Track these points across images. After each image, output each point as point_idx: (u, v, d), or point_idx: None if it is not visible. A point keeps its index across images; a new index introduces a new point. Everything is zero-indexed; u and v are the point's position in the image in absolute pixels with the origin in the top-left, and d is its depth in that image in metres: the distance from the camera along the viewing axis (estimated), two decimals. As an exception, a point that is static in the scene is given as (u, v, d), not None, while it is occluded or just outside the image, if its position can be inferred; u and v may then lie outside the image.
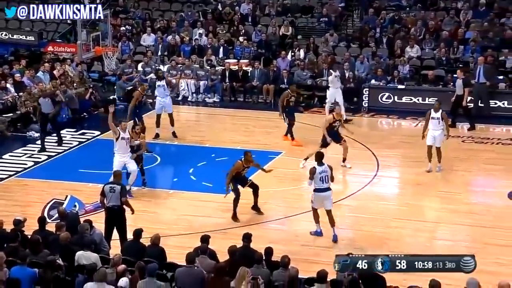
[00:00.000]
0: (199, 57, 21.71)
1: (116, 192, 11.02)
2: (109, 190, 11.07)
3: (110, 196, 11.05)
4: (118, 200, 11.03)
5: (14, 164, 15.45)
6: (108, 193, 11.06)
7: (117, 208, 11.05)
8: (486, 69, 18.77)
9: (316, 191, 11.84)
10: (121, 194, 11.02)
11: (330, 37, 22.15)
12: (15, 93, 18.34)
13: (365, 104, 20.02)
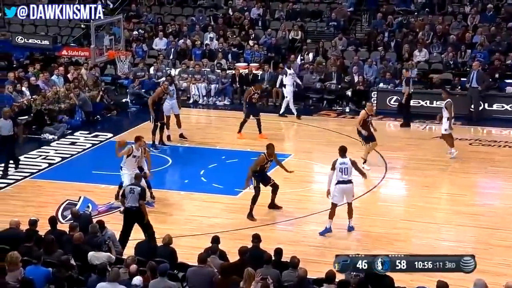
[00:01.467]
0: (210, 61, 21.80)
1: (135, 194, 11.18)
2: (129, 191, 11.25)
3: (130, 196, 11.23)
4: (136, 201, 11.18)
5: (28, 166, 15.57)
6: (128, 194, 11.25)
7: (135, 209, 11.20)
8: (479, 75, 18.98)
9: (338, 183, 12.02)
10: (140, 196, 11.16)
11: (339, 41, 22.17)
12: (30, 96, 18.47)
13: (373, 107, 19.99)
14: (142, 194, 11.21)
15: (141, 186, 11.39)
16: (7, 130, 14.75)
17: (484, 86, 19.13)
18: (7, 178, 14.81)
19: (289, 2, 24.33)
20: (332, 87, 20.62)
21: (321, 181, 14.92)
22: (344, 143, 17.26)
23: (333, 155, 16.36)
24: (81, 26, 22.20)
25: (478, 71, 19.02)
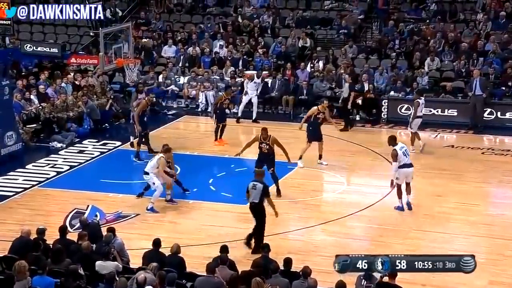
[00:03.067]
0: (219, 68, 21.84)
1: (257, 190, 11.61)
2: (252, 187, 11.66)
3: (252, 192, 11.64)
4: (257, 197, 11.60)
5: (37, 174, 15.62)
6: (251, 190, 11.67)
7: (255, 204, 11.63)
8: (482, 82, 19.05)
9: (403, 167, 13.34)
10: (263, 193, 11.63)
11: (349, 48, 22.17)
12: (39, 104, 18.55)
13: (384, 115, 20.01)
14: (265, 191, 11.70)
15: (263, 183, 11.78)
16: None
17: (488, 93, 19.16)
18: (16, 187, 14.86)
19: (299, 9, 24.37)
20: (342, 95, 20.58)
21: (331, 190, 14.93)
22: (355, 151, 17.40)
23: (342, 163, 16.41)
24: (90, 33, 22.30)
25: (480, 78, 19.14)
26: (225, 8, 25.09)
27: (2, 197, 14.31)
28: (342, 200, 14.14)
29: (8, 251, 10.11)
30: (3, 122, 16.16)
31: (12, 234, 10.44)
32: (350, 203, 13.96)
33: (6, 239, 10.39)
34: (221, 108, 17.40)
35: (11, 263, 9.03)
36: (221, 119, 17.46)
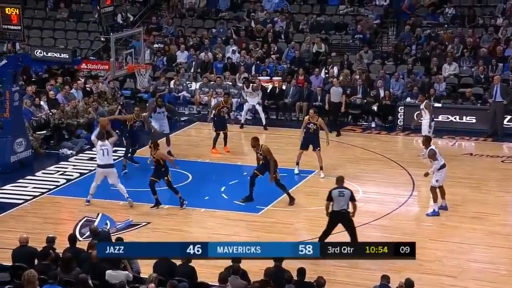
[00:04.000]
0: (232, 74, 21.89)
1: (345, 196, 11.85)
2: (338, 195, 11.84)
3: (340, 200, 11.80)
4: (347, 204, 11.84)
5: (46, 182, 15.71)
6: (338, 197, 11.81)
7: (344, 211, 11.87)
8: (503, 88, 19.04)
9: (443, 167, 13.66)
10: (351, 198, 11.91)
11: (365, 54, 22.15)
12: (49, 111, 18.67)
13: (400, 122, 19.94)
14: (353, 196, 11.99)
15: (349, 188, 12.11)
16: None
17: (509, 99, 19.11)
18: (25, 195, 14.95)
19: (313, 14, 24.39)
20: (357, 102, 20.58)
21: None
22: (370, 159, 17.35)
23: (358, 171, 16.38)
24: (100, 39, 22.44)
25: (501, 85, 19.09)
26: (238, 12, 25.16)
27: (11, 205, 14.40)
28: (357, 209, 14.07)
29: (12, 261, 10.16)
30: (13, 129, 16.29)
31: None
32: (366, 212, 13.89)
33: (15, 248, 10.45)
34: (219, 115, 17.35)
35: (19, 272, 9.07)
36: (220, 127, 17.39)
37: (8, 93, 16.04)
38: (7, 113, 16.15)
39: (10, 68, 16.09)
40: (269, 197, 14.57)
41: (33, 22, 25.22)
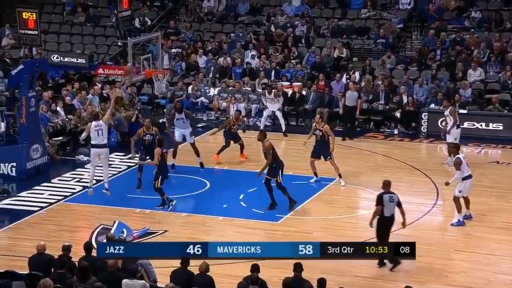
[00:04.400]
0: (251, 79, 21.93)
1: (394, 202, 11.83)
2: (389, 200, 11.81)
3: (389, 205, 11.77)
4: (394, 209, 11.84)
5: (63, 189, 15.83)
6: (388, 203, 11.77)
7: (392, 216, 11.88)
8: None
9: (467, 178, 13.58)
10: (398, 204, 11.92)
11: (387, 59, 22.08)
12: (65, 116, 18.82)
13: (424, 129, 19.85)
14: (399, 201, 11.95)
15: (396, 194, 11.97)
16: None
17: None
18: (41, 202, 15.07)
19: (335, 18, 24.37)
20: (379, 108, 20.51)
21: (367, 207, 14.81)
22: (392, 167, 17.28)
23: (379, 179, 16.26)
24: (118, 43, 22.62)
25: None
26: (258, 17, 25.23)
27: (27, 212, 14.53)
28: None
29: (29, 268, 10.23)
30: (29, 135, 16.45)
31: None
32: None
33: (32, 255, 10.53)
34: (230, 131, 17.38)
35: (35, 281, 9.14)
36: (233, 139, 17.38)
37: (24, 99, 16.20)
38: (23, 119, 16.32)
39: (26, 73, 16.26)
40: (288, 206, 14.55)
41: (50, 27, 25.48)
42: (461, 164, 13.51)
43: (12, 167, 16.31)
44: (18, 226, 13.91)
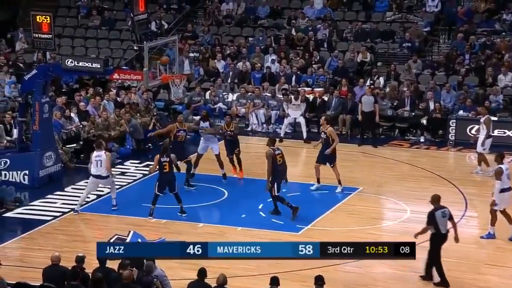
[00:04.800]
0: (271, 85, 21.96)
1: (447, 216, 11.74)
2: (442, 216, 11.70)
3: (443, 221, 11.69)
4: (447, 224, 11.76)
5: (76, 197, 15.89)
6: (441, 219, 11.67)
7: (447, 232, 11.75)
8: None
9: (504, 191, 13.28)
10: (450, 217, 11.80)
11: (413, 63, 22.01)
12: (79, 123, 18.96)
13: (451, 137, 19.75)
14: (451, 215, 11.85)
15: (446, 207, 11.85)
16: None
17: None
18: (54, 211, 15.17)
19: (358, 21, 24.37)
20: (405, 115, 20.43)
21: (393, 218, 14.77)
22: (418, 176, 17.19)
23: (404, 189, 16.22)
24: (133, 47, 22.76)
25: None
26: (278, 20, 25.28)
27: (39, 222, 14.64)
28: (405, 230, 13.95)
29: (42, 280, 10.29)
30: (42, 142, 16.59)
31: (50, 262, 10.63)
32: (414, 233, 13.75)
33: (43, 267, 10.60)
34: (225, 139, 16.89)
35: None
36: (229, 150, 16.87)
37: (37, 105, 16.34)
38: (36, 126, 16.46)
39: (40, 78, 16.41)
40: (310, 216, 14.55)
41: (64, 31, 25.75)
42: (501, 174, 13.32)
43: (24, 175, 16.46)
44: (30, 236, 14.03)
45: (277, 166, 14.34)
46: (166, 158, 14.44)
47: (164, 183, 14.48)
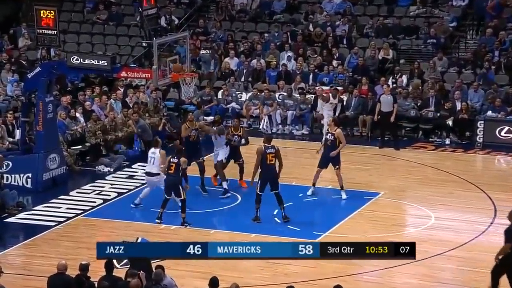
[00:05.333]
0: (287, 83, 21.96)
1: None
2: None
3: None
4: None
5: (81, 202, 15.99)
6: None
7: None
8: None
9: None
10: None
11: (439, 61, 21.94)
12: (85, 123, 19.04)
13: (479, 139, 19.65)
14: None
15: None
16: None
17: None
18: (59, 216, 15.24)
19: (380, 16, 24.33)
20: (429, 115, 20.37)
21: (414, 225, 14.72)
22: (443, 180, 17.13)
23: (428, 194, 16.14)
24: (142, 44, 22.86)
25: None
26: (295, 15, 25.29)
27: (43, 228, 14.69)
28: (429, 237, 13.91)
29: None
30: (45, 143, 16.65)
31: (54, 270, 10.68)
32: (439, 241, 13.73)
33: (47, 275, 10.65)
34: (230, 144, 16.51)
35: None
36: (233, 157, 16.49)
37: (41, 104, 16.43)
38: (40, 126, 16.54)
39: (44, 76, 16.50)
40: (328, 222, 14.54)
41: (69, 26, 25.89)
42: None
43: (27, 178, 16.55)
44: (33, 243, 14.10)
45: (266, 165, 14.37)
46: (175, 159, 14.50)
47: (169, 185, 14.51)
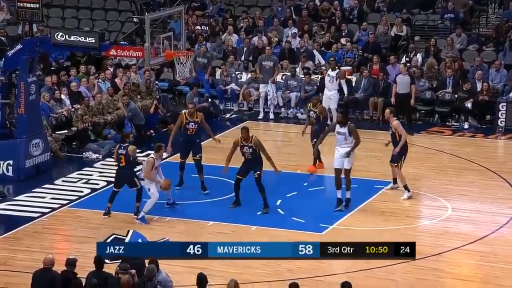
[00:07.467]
0: (291, 63, 21.96)
1: None
2: None
3: None
4: None
5: (67, 191, 16.04)
6: None
7: None
8: None
9: None
10: None
11: (457, 38, 21.93)
12: (71, 106, 19.06)
13: (501, 123, 19.68)
14: None
15: None
16: None
17: None
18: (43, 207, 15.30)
19: (393, -11, 24.31)
20: (446, 97, 20.37)
21: (430, 217, 14.77)
22: (461, 168, 17.17)
23: (445, 183, 16.19)
24: (133, 20, 22.81)
25: None
26: (300, -12, 25.26)
27: (26, 219, 14.74)
28: (445, 230, 13.98)
29: (30, 286, 10.39)
30: (28, 128, 16.67)
31: (38, 265, 10.74)
32: (456, 234, 13.79)
33: (31, 271, 10.69)
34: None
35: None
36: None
37: (23, 85, 16.43)
38: (21, 109, 16.55)
39: (25, 54, 16.49)
40: (336, 214, 14.60)
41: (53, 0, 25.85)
42: None
43: (8, 166, 16.60)
44: (15, 236, 14.14)
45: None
46: (122, 150, 14.48)
47: (120, 178, 14.57)
